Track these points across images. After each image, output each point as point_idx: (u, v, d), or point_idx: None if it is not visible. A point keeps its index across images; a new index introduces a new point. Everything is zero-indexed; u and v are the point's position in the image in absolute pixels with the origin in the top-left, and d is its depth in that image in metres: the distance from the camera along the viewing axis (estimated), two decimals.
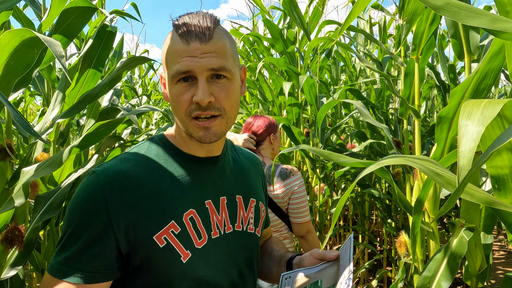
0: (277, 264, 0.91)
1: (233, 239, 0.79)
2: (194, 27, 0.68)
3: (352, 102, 1.76)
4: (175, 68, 0.68)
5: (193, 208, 0.73)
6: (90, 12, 1.23)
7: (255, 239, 0.85)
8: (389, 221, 2.92)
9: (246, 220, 0.83)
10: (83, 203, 0.68)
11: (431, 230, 1.38)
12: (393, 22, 3.23)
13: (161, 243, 0.69)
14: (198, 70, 0.68)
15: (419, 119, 1.34)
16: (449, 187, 0.58)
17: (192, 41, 0.68)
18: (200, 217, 0.74)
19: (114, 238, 0.67)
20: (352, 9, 0.85)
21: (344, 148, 2.94)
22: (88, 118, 1.65)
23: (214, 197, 0.77)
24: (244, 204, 0.83)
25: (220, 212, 0.78)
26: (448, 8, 0.75)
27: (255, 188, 0.89)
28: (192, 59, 0.67)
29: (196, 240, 0.72)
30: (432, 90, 3.55)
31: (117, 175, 0.69)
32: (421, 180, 1.37)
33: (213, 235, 0.75)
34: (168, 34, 0.74)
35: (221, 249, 0.77)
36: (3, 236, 1.19)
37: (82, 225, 0.67)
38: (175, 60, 0.68)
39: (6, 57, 0.75)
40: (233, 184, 0.82)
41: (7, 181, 1.35)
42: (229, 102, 0.71)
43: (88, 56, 1.56)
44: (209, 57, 0.68)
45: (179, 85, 0.69)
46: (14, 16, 1.57)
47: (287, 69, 2.41)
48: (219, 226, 0.77)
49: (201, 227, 0.74)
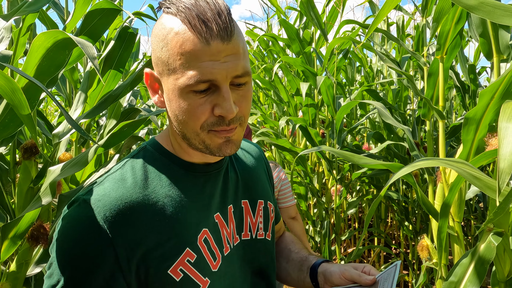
0: (297, 268, 0.82)
1: (242, 250, 0.70)
2: (213, 20, 0.53)
3: (372, 103, 1.74)
4: (192, 75, 0.53)
5: (205, 227, 0.63)
6: (114, 14, 1.25)
7: (267, 244, 0.76)
8: (406, 224, 2.88)
9: (254, 227, 0.73)
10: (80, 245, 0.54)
11: (456, 234, 1.35)
12: (411, 22, 3.18)
13: (177, 276, 0.58)
14: (222, 78, 0.54)
15: (443, 120, 1.31)
16: (489, 191, 0.56)
17: (213, 40, 0.53)
18: (212, 235, 0.64)
19: (124, 283, 0.55)
20: (381, 9, 0.84)
21: (360, 149, 2.91)
22: (110, 119, 1.67)
23: (222, 208, 0.67)
24: (251, 209, 0.73)
25: (228, 224, 0.68)
26: (482, 8, 0.73)
27: (261, 186, 0.78)
28: (214, 63, 0.53)
29: (212, 263, 0.63)
30: (450, 91, 3.48)
31: (116, 203, 0.56)
32: (445, 183, 1.34)
33: (225, 252, 0.66)
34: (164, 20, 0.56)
35: (234, 264, 0.68)
36: (29, 234, 1.22)
37: (84, 273, 0.54)
38: (190, 64, 0.53)
39: (40, 57, 0.77)
40: (238, 189, 0.72)
41: (32, 180, 1.38)
42: (248, 109, 0.61)
43: (109, 58, 1.58)
44: (232, 60, 0.55)
45: (194, 94, 0.55)
46: (39, 18, 1.60)
47: (304, 69, 2.40)
48: (229, 240, 0.67)
49: (214, 247, 0.64)
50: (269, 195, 0.80)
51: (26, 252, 1.23)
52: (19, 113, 0.70)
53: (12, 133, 0.86)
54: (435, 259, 1.41)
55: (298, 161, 2.59)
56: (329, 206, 2.70)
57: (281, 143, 2.40)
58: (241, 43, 0.57)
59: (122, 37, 1.55)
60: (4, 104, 0.82)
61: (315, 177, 2.86)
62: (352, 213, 2.97)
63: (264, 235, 0.75)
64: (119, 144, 2.05)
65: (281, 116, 3.56)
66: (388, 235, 4.10)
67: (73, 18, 1.33)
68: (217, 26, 0.53)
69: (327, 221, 2.68)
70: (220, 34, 0.53)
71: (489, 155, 0.87)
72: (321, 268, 0.76)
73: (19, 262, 1.21)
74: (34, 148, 1.37)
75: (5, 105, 0.82)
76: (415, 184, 1.25)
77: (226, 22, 0.53)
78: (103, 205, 0.55)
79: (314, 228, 2.92)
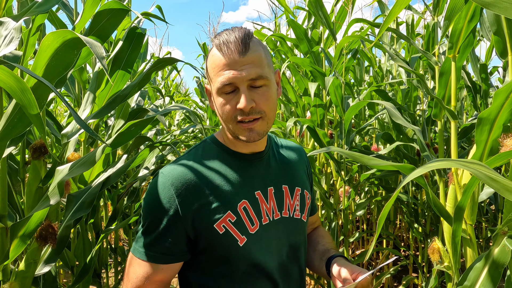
0: (319, 258, 1.00)
1: (281, 224, 0.90)
2: (233, 42, 0.78)
3: (382, 103, 1.71)
4: (219, 81, 0.78)
5: (245, 199, 0.84)
6: (122, 14, 1.25)
7: (302, 224, 0.95)
8: (416, 226, 2.83)
9: (292, 207, 0.93)
10: (156, 199, 0.81)
11: (468, 237, 1.32)
12: (421, 21, 3.13)
13: (220, 230, 0.81)
14: (239, 81, 0.77)
15: (455, 121, 1.28)
16: (507, 193, 0.54)
17: (233, 55, 0.77)
18: (251, 206, 0.85)
19: (183, 227, 0.81)
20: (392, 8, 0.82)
21: (369, 150, 2.88)
22: (118, 119, 1.68)
23: (263, 188, 0.88)
24: (290, 193, 0.93)
25: (268, 201, 0.88)
26: (499, 4, 0.71)
27: (299, 177, 0.98)
28: (232, 71, 0.77)
29: (249, 227, 0.84)
30: (461, 91, 3.42)
31: (180, 175, 0.82)
32: (457, 185, 1.31)
33: (263, 222, 0.86)
34: (210, 50, 0.85)
35: (271, 233, 0.87)
36: (38, 234, 1.22)
37: (158, 218, 0.81)
38: (218, 74, 0.79)
39: (48, 57, 0.77)
40: (279, 175, 0.93)
41: (41, 180, 1.39)
42: (268, 106, 0.81)
43: (117, 58, 1.58)
44: (247, 68, 0.77)
45: (224, 95, 0.80)
46: (48, 19, 1.62)
47: (312, 69, 2.38)
48: (268, 214, 0.88)
49: (253, 215, 0.85)
50: (306, 185, 0.99)
51: (35, 251, 1.23)
52: (28, 113, 0.70)
53: (20, 132, 0.87)
54: (446, 262, 1.38)
55: None
56: (337, 207, 2.67)
57: None
58: (257, 56, 0.79)
59: (130, 38, 1.56)
60: (13, 103, 0.83)
61: (323, 178, 2.84)
62: (360, 215, 2.94)
63: (300, 215, 0.94)
64: (127, 144, 2.05)
65: (289, 117, 3.54)
66: (397, 237, 4.05)
67: (82, 19, 1.34)
68: (235, 45, 0.77)
69: (335, 222, 2.65)
70: (237, 49, 0.77)
71: (504, 156, 0.85)
72: (334, 261, 0.93)
73: (27, 262, 1.21)
74: (43, 148, 1.38)
75: (15, 105, 0.82)
76: (426, 186, 1.22)
77: (243, 41, 0.78)
78: (172, 176, 0.82)
79: None
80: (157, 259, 0.81)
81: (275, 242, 0.88)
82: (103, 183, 1.44)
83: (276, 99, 0.85)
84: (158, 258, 0.81)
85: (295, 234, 0.93)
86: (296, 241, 0.94)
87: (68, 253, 1.67)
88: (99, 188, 1.40)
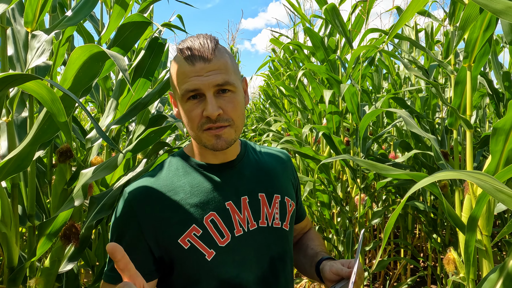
0: (309, 263, 0.96)
1: (259, 235, 0.85)
2: (198, 49, 0.75)
3: (396, 111, 1.71)
4: (184, 88, 0.75)
5: (213, 211, 0.81)
6: (144, 26, 1.32)
7: (284, 233, 0.90)
8: (435, 236, 2.77)
9: (270, 216, 0.88)
10: (119, 218, 0.80)
11: (484, 248, 1.30)
12: (441, 28, 3.10)
13: (185, 245, 0.78)
14: (205, 87, 0.75)
15: (471, 130, 1.27)
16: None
17: (197, 62, 0.75)
18: (221, 218, 0.81)
19: (147, 245, 0.78)
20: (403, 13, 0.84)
21: (386, 158, 2.85)
22: (138, 125, 1.75)
23: (235, 198, 0.84)
24: (267, 201, 0.88)
25: (242, 211, 0.84)
26: (510, 12, 0.72)
27: (280, 184, 0.93)
28: (198, 78, 0.75)
29: (218, 239, 0.80)
30: (483, 98, 3.34)
31: (142, 192, 0.80)
32: (472, 195, 1.30)
33: (236, 233, 0.82)
34: (173, 58, 0.82)
35: (248, 245, 0.83)
36: (62, 233, 1.29)
37: (120, 237, 0.79)
38: (183, 81, 0.76)
39: (76, 69, 0.83)
40: (254, 183, 0.88)
41: (66, 182, 1.47)
42: (235, 113, 0.79)
43: (139, 67, 1.66)
44: (213, 75, 0.75)
45: (189, 102, 0.77)
46: (76, 30, 1.71)
47: (328, 77, 2.40)
48: (242, 224, 0.83)
49: (223, 227, 0.81)
50: (288, 192, 0.94)
51: (59, 250, 1.30)
52: (56, 120, 0.76)
53: (50, 138, 0.93)
54: (462, 274, 1.36)
55: (321, 169, 2.58)
56: (353, 215, 2.66)
57: (304, 150, 2.39)
58: (222, 62, 0.77)
59: (151, 47, 1.63)
60: (44, 112, 0.90)
61: (338, 185, 2.83)
62: (376, 223, 2.90)
63: (280, 224, 0.89)
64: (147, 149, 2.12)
65: (305, 124, 3.55)
66: (415, 247, 3.95)
67: (107, 30, 1.42)
68: (199, 51, 0.75)
69: (351, 230, 2.64)
70: (202, 57, 0.75)
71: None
72: (322, 264, 0.90)
73: (52, 259, 1.28)
74: (69, 152, 1.46)
75: (45, 113, 0.89)
76: (441, 195, 1.22)
77: (208, 48, 0.75)
78: (133, 194, 0.80)
79: (337, 237, 2.88)
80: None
81: (253, 253, 0.83)
82: (123, 186, 1.50)
83: (244, 107, 0.82)
84: None
85: (277, 244, 0.88)
86: (279, 251, 0.88)
87: (89, 252, 1.74)
88: (119, 191, 1.46)
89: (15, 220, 1.13)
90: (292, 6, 3.17)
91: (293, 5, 3.19)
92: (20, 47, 1.18)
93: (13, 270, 1.13)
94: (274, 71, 4.63)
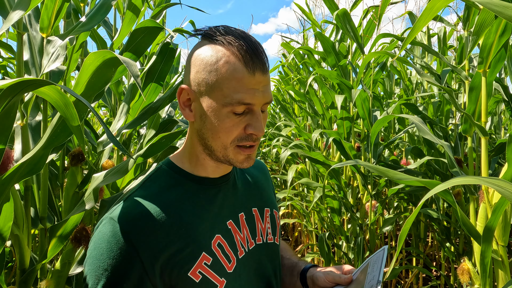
0: (289, 273, 0.90)
1: (257, 253, 0.78)
2: (257, 56, 0.65)
3: (408, 117, 1.69)
4: (238, 98, 0.64)
5: (218, 233, 0.71)
6: (156, 32, 1.34)
7: (276, 248, 0.85)
8: (448, 245, 2.71)
9: (264, 232, 0.82)
10: (109, 256, 0.62)
11: (500, 259, 1.26)
12: (453, 33, 3.05)
13: (196, 278, 0.66)
14: (259, 103, 0.67)
15: (486, 137, 1.24)
16: None
17: (257, 72, 0.65)
18: (225, 240, 0.72)
19: (151, 284, 0.64)
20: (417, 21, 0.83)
21: (398, 164, 2.81)
22: (149, 129, 1.76)
23: (234, 216, 0.76)
24: (260, 216, 0.82)
25: (241, 230, 0.76)
26: None
27: (267, 196, 0.87)
28: (255, 91, 0.65)
29: (227, 265, 0.71)
30: (499, 105, 3.27)
31: (138, 218, 0.65)
32: (488, 204, 1.27)
33: (239, 255, 0.74)
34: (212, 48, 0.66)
35: (249, 266, 0.76)
36: (73, 236, 1.31)
37: (116, 279, 0.62)
38: (238, 89, 0.64)
39: (89, 75, 0.85)
40: (247, 197, 0.81)
41: (77, 185, 1.49)
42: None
43: (151, 72, 1.68)
44: (267, 91, 0.67)
45: (232, 114, 0.66)
46: (89, 35, 1.74)
47: (339, 82, 2.38)
48: (243, 244, 0.76)
49: (229, 250, 0.72)
50: (274, 204, 0.88)
51: (70, 252, 1.32)
52: (69, 125, 0.77)
53: (63, 141, 0.95)
54: (477, 285, 1.32)
55: (331, 175, 2.55)
56: (364, 222, 2.62)
57: (314, 155, 2.38)
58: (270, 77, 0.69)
59: (163, 52, 1.65)
60: (57, 116, 0.91)
61: (349, 191, 2.80)
62: (388, 231, 2.85)
63: (273, 239, 0.84)
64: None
65: (315, 129, 3.54)
66: (428, 256, 3.87)
67: (119, 36, 1.44)
68: (259, 60, 0.65)
69: (361, 237, 2.60)
70: (260, 67, 0.65)
71: None
72: (309, 273, 0.85)
73: (63, 262, 1.30)
74: (81, 156, 1.48)
75: (59, 117, 0.90)
76: (455, 203, 1.19)
77: (265, 57, 0.66)
78: (126, 221, 0.64)
79: (347, 244, 2.84)
80: None
81: (253, 274, 0.76)
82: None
83: None
84: None
85: (271, 261, 0.82)
86: (273, 268, 0.82)
87: None
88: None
89: (27, 222, 1.14)
90: (302, 12, 3.18)
91: (304, 10, 3.19)
92: (36, 52, 1.21)
93: (25, 272, 1.15)
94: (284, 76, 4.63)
